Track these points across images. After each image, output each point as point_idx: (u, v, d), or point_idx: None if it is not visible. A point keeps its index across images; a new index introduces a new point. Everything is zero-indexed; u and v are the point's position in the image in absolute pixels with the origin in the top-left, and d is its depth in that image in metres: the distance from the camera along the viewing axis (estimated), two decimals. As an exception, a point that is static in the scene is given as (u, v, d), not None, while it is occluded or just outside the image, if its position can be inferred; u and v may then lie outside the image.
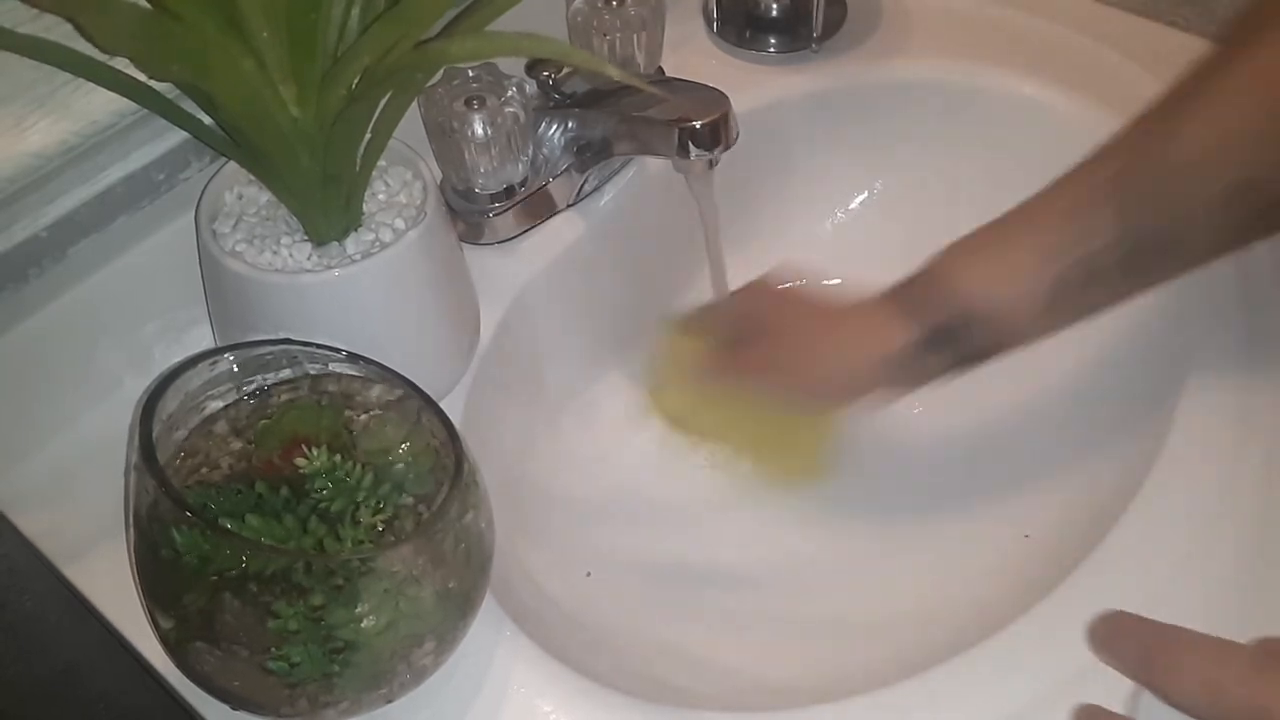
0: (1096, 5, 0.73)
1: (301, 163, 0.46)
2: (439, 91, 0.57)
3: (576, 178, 0.62)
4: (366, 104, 0.45)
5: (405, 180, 0.53)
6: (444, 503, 0.41)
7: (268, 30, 0.44)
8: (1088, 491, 0.57)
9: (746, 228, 0.71)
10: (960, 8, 0.74)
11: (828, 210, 0.72)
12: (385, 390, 0.47)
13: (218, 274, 0.49)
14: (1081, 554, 0.49)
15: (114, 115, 0.47)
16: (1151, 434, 0.54)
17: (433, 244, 0.51)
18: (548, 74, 0.60)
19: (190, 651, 0.41)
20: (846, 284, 0.71)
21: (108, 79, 0.44)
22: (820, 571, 0.61)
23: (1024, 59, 0.69)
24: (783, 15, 0.72)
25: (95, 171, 0.49)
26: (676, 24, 0.72)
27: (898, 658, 0.50)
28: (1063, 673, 0.45)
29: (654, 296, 0.70)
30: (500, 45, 0.42)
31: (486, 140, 0.57)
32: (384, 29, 0.43)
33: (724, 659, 0.55)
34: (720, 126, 0.55)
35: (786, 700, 0.48)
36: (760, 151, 0.68)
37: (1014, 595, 0.50)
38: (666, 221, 0.68)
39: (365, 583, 0.39)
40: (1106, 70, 0.68)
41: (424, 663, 0.43)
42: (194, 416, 0.45)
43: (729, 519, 0.63)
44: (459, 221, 0.60)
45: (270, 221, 0.51)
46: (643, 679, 0.50)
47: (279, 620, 0.39)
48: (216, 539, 0.39)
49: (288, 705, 0.41)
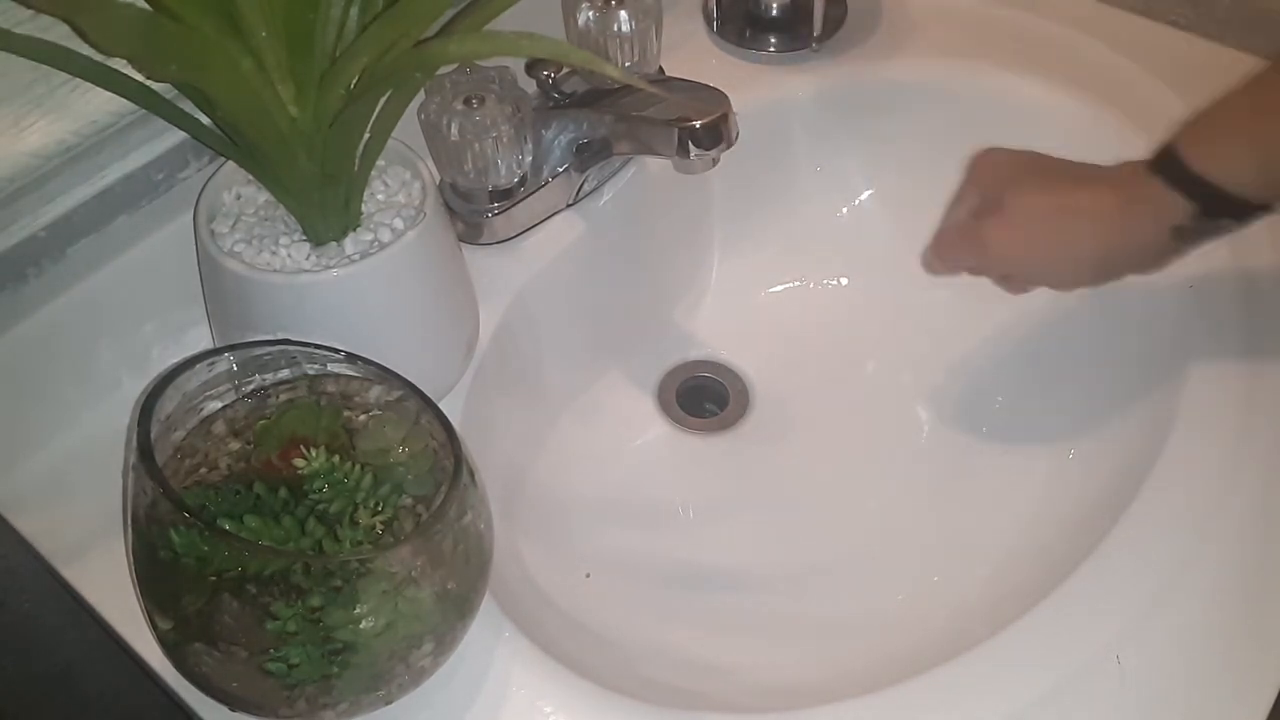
0: (1096, 5, 0.73)
1: (300, 163, 0.46)
2: (438, 91, 0.57)
3: (576, 178, 0.62)
4: (365, 104, 0.45)
5: (404, 180, 0.53)
6: (443, 504, 0.41)
7: (266, 30, 0.43)
8: (1088, 491, 0.57)
9: (746, 227, 0.71)
10: (960, 7, 0.73)
11: (828, 210, 0.72)
12: (384, 391, 0.47)
13: (216, 274, 0.49)
14: (1082, 554, 0.49)
15: (112, 115, 0.47)
16: (1152, 435, 0.54)
17: (432, 244, 0.51)
18: (548, 74, 0.60)
19: (188, 652, 0.41)
20: (850, 284, 0.72)
21: (106, 79, 0.44)
22: (820, 572, 0.60)
23: (1024, 59, 0.69)
24: (783, 15, 0.72)
25: (94, 171, 0.49)
26: (676, 24, 0.72)
27: (898, 658, 0.50)
28: (1063, 673, 0.45)
29: (654, 296, 0.70)
30: (499, 45, 0.42)
31: (485, 140, 0.56)
32: (382, 29, 0.43)
33: (724, 659, 0.55)
34: (720, 126, 0.55)
35: (786, 701, 0.48)
36: (760, 151, 0.68)
37: (1014, 595, 0.50)
38: (666, 221, 0.68)
39: (364, 584, 0.39)
40: (1106, 70, 0.68)
41: (423, 664, 0.43)
42: (192, 417, 0.45)
43: (729, 519, 0.63)
44: (458, 221, 0.60)
45: (269, 221, 0.51)
46: (642, 679, 0.50)
47: (277, 621, 0.39)
48: (215, 540, 0.39)
49: (286, 706, 0.41)
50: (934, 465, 0.64)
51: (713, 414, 0.68)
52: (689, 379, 0.69)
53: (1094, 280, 0.54)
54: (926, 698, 0.45)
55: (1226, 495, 0.50)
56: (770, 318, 0.71)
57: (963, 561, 0.58)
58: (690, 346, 0.70)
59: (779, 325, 0.71)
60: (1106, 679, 0.45)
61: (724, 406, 0.68)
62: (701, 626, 0.57)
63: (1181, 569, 0.48)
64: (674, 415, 0.67)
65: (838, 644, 0.56)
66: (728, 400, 0.68)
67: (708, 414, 0.68)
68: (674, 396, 0.68)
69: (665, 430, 0.66)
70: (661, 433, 0.66)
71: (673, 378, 0.69)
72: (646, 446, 0.66)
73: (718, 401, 0.68)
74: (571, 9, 0.61)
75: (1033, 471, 0.61)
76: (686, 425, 0.67)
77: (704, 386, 0.69)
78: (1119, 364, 0.61)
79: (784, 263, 0.72)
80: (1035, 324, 0.66)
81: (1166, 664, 0.46)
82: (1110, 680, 0.45)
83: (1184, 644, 0.46)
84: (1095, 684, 0.45)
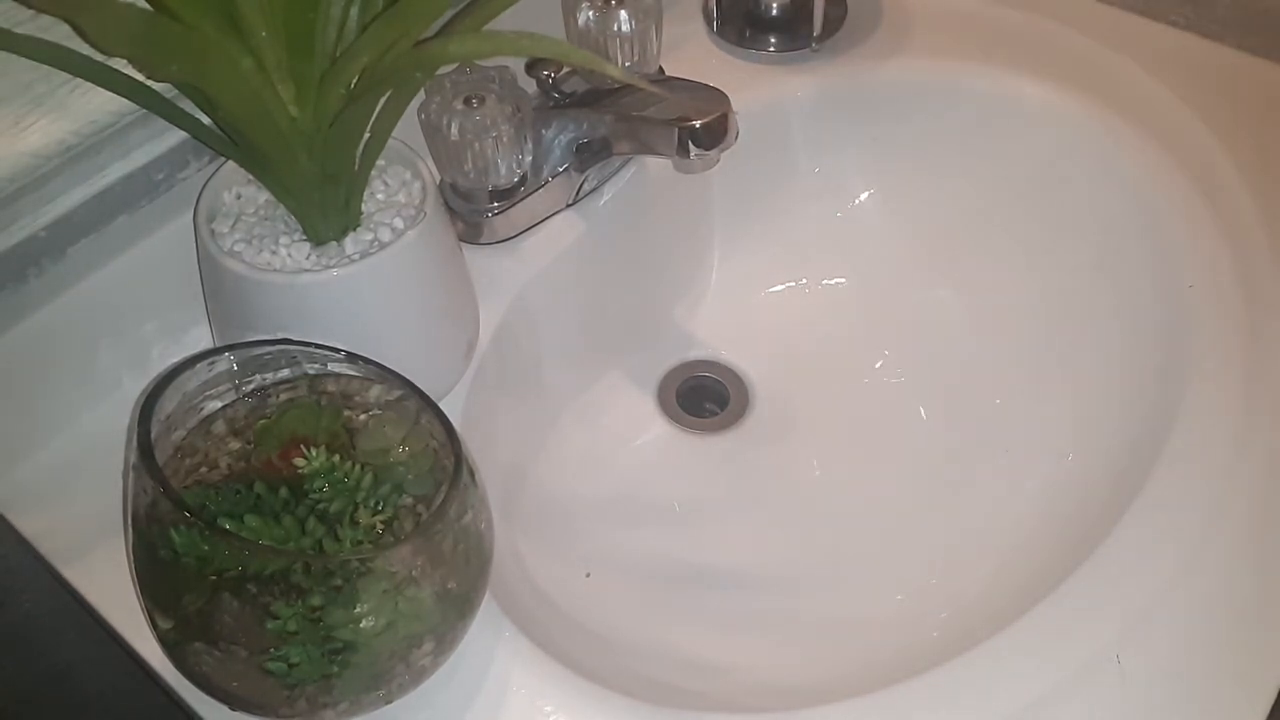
0: (1096, 5, 0.73)
1: (300, 162, 0.46)
2: (438, 91, 0.57)
3: (576, 177, 0.62)
4: (365, 104, 0.45)
5: (404, 180, 0.53)
6: (443, 503, 0.41)
7: (266, 30, 0.44)
8: (1087, 492, 0.57)
9: (746, 227, 0.71)
10: (960, 7, 0.73)
11: (829, 209, 0.72)
12: (384, 390, 0.47)
13: (216, 274, 0.49)
14: (1082, 554, 0.49)
15: (113, 115, 0.47)
16: (1151, 435, 0.54)
17: (432, 244, 0.51)
18: (547, 73, 0.60)
19: (189, 652, 0.41)
20: (849, 284, 0.72)
21: (106, 79, 0.44)
22: (820, 571, 0.60)
23: (1024, 59, 0.69)
24: (783, 15, 0.72)
25: (94, 171, 0.49)
26: (676, 24, 0.72)
27: (898, 658, 0.50)
28: (1063, 673, 0.45)
29: (654, 296, 0.70)
30: (499, 45, 0.42)
31: (485, 140, 0.56)
32: (383, 28, 0.43)
33: (724, 659, 0.55)
34: (720, 126, 0.55)
35: (786, 701, 0.48)
36: (760, 151, 0.68)
37: (1014, 595, 0.50)
38: (666, 221, 0.68)
39: (364, 583, 0.39)
40: (1106, 70, 0.68)
41: (423, 664, 0.43)
42: (192, 416, 0.45)
43: (729, 519, 0.63)
44: (458, 221, 0.60)
45: (269, 221, 0.51)
46: (643, 679, 0.50)
47: (277, 621, 0.39)
48: (215, 539, 0.39)
49: (286, 706, 0.41)
50: (933, 465, 0.64)
51: (713, 414, 0.68)
52: (689, 379, 0.69)
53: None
54: (926, 698, 0.45)
55: (1226, 495, 0.50)
56: (770, 318, 0.71)
57: (962, 561, 0.58)
58: (690, 346, 0.70)
59: (779, 325, 0.71)
60: (1106, 679, 0.45)
61: (724, 406, 0.68)
62: (701, 626, 0.57)
63: (1181, 569, 0.48)
64: (674, 415, 0.67)
65: (838, 643, 0.56)
66: (728, 400, 0.68)
67: (708, 414, 0.68)
68: (674, 396, 0.68)
69: (665, 430, 0.66)
70: (661, 433, 0.66)
71: (673, 378, 0.69)
72: (646, 446, 0.66)
73: (718, 401, 0.68)
74: (571, 9, 0.61)
75: (1032, 472, 0.61)
76: (687, 425, 0.67)
77: (704, 386, 0.69)
78: (1119, 364, 0.61)
79: (784, 263, 0.72)
80: (1036, 324, 0.66)
81: (1166, 664, 0.46)
82: (1110, 680, 0.45)
83: (1184, 644, 0.46)
84: (1095, 684, 0.45)
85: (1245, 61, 0.69)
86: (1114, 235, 0.64)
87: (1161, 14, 0.72)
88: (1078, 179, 0.66)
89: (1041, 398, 0.64)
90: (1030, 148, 0.68)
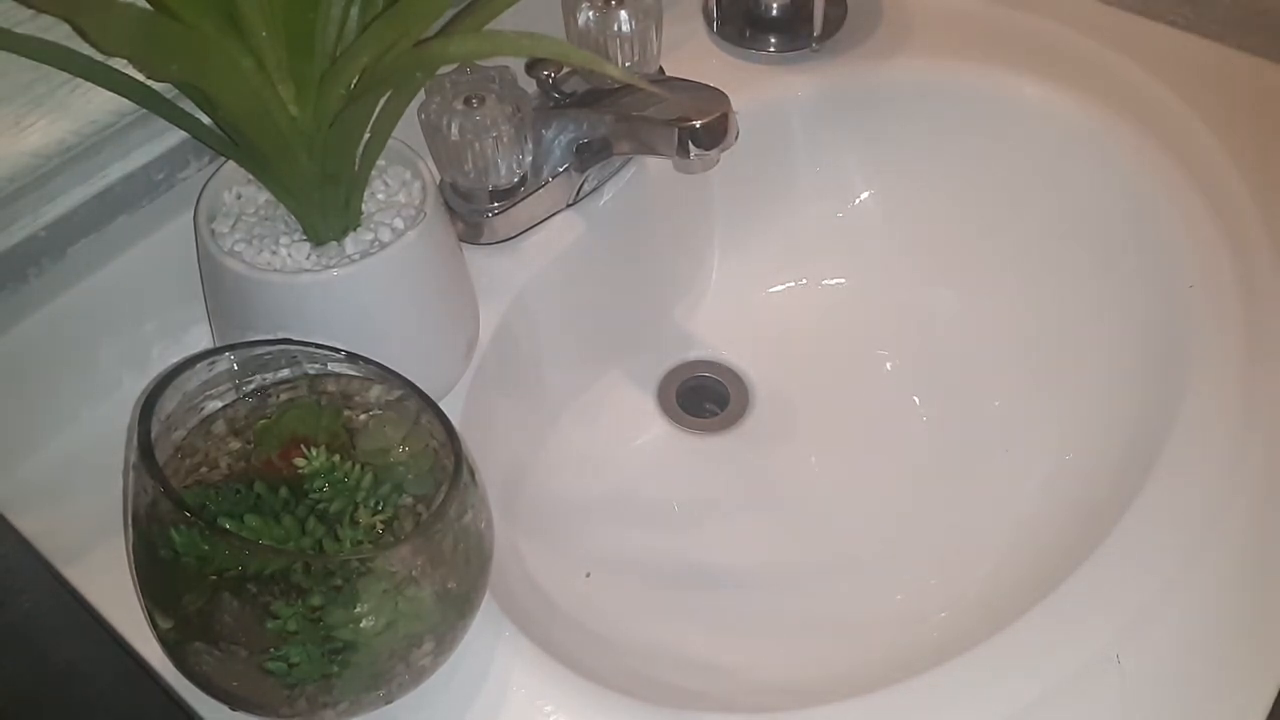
0: (1096, 5, 0.73)
1: (300, 162, 0.46)
2: (438, 91, 0.57)
3: (576, 177, 0.62)
4: (365, 103, 0.45)
5: (404, 180, 0.53)
6: (443, 503, 0.41)
7: (266, 30, 0.44)
8: (1087, 492, 0.57)
9: (746, 227, 0.71)
10: (960, 7, 0.73)
11: (829, 210, 0.72)
12: (384, 390, 0.47)
13: (216, 274, 0.49)
14: (1082, 554, 0.49)
15: (113, 115, 0.47)
16: (1151, 435, 0.54)
17: (432, 244, 0.51)
18: (548, 73, 0.60)
19: (189, 652, 0.41)
20: (850, 284, 0.72)
21: (106, 79, 0.44)
22: (820, 571, 0.60)
23: (1024, 59, 0.69)
24: (783, 15, 0.72)
25: (94, 171, 0.49)
26: (676, 24, 0.72)
27: (897, 658, 0.50)
28: (1063, 673, 0.45)
29: (654, 296, 0.70)
30: (499, 45, 0.42)
31: (485, 140, 0.56)
32: (383, 28, 0.43)
33: (724, 659, 0.55)
34: (720, 126, 0.55)
35: (786, 701, 0.48)
36: (760, 151, 0.68)
37: (1013, 596, 0.50)
38: (666, 221, 0.68)
39: (364, 583, 0.39)
40: (1106, 70, 0.68)
41: (423, 663, 0.43)
42: (192, 416, 0.45)
43: (729, 519, 0.63)
44: (459, 221, 0.60)
45: (269, 221, 0.51)
46: (643, 679, 0.50)
47: (278, 621, 0.39)
48: (215, 539, 0.39)
49: (286, 706, 0.41)
50: (933, 465, 0.64)
51: (713, 414, 0.68)
52: (689, 379, 0.69)
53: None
54: (926, 698, 0.45)
55: (1226, 495, 0.50)
56: (770, 318, 0.71)
57: (962, 561, 0.58)
58: (690, 346, 0.70)
59: (779, 325, 0.71)
60: (1106, 679, 0.45)
61: (724, 406, 0.68)
62: (701, 626, 0.57)
63: (1181, 569, 0.48)
64: (674, 415, 0.67)
65: (838, 643, 0.56)
66: (728, 400, 0.68)
67: (708, 414, 0.68)
68: (674, 396, 0.68)
69: (665, 430, 0.66)
70: (662, 432, 0.66)
71: (673, 378, 0.69)
72: (647, 446, 0.66)
73: (718, 401, 0.68)
74: (571, 9, 0.61)
75: (1032, 471, 0.61)
76: (687, 425, 0.67)
77: (704, 386, 0.69)
78: (1119, 364, 0.61)
79: (784, 263, 0.72)
80: (1035, 324, 0.66)
81: (1166, 664, 0.46)
82: (1110, 680, 0.45)
83: (1184, 644, 0.46)
84: (1095, 684, 0.45)
85: (1245, 61, 0.69)
86: (1114, 235, 0.64)
87: (1161, 14, 0.72)
88: (1077, 179, 0.66)
89: (1042, 398, 0.64)
90: (1030, 148, 0.68)
